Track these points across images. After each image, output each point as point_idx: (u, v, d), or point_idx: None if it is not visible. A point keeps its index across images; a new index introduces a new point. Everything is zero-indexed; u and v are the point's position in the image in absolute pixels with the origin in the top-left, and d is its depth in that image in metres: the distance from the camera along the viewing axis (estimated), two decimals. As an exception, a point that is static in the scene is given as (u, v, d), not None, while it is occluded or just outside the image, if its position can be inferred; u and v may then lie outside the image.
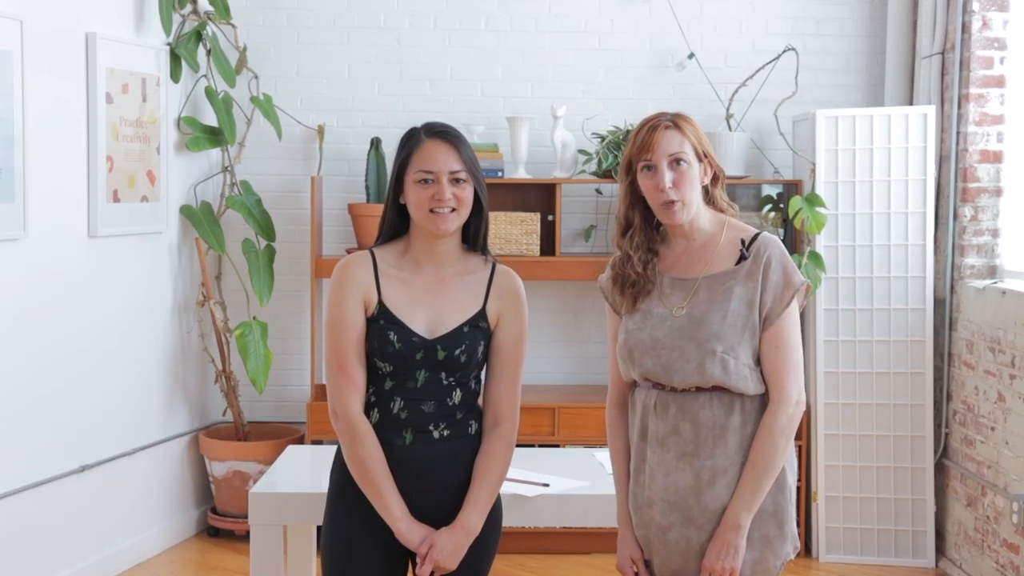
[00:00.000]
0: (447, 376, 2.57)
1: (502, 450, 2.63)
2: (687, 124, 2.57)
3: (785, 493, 2.53)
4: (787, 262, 2.52)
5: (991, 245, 4.79)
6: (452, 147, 2.56)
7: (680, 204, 2.51)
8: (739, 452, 2.49)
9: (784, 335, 2.51)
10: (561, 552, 5.01)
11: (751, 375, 2.49)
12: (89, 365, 4.56)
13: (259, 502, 3.09)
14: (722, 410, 2.50)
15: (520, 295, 2.65)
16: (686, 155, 2.52)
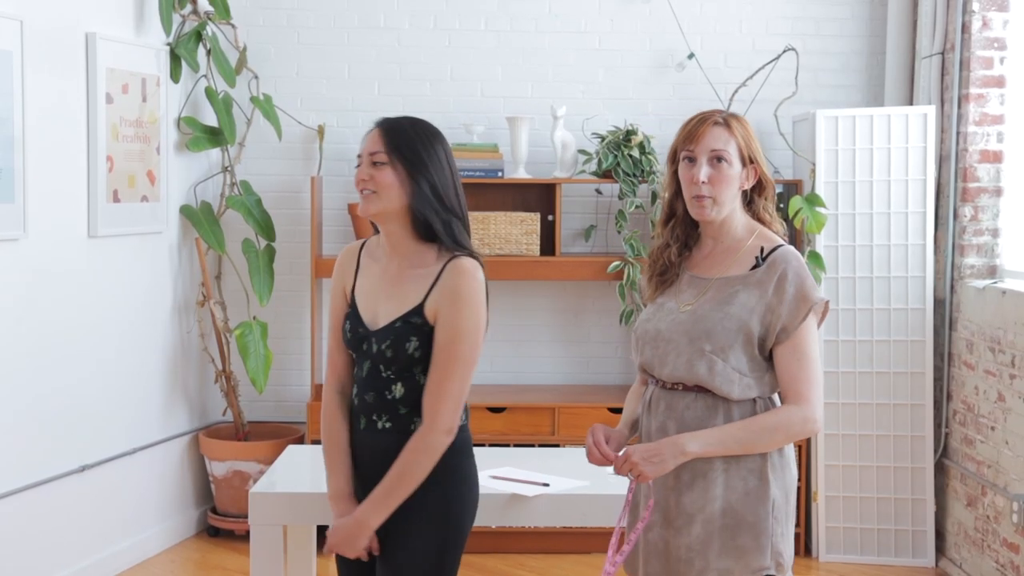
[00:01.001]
0: (385, 369, 2.57)
1: (410, 451, 2.52)
2: (738, 125, 2.55)
3: (767, 507, 2.46)
4: (804, 277, 2.48)
5: (991, 245, 4.79)
6: (380, 131, 2.58)
7: (711, 201, 2.52)
8: (720, 457, 2.46)
9: (803, 348, 2.46)
10: (561, 552, 5.01)
11: (739, 380, 2.45)
12: (89, 365, 4.56)
13: (259, 502, 3.09)
14: (704, 412, 2.48)
15: (460, 294, 2.53)
16: (728, 154, 2.51)
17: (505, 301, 5.33)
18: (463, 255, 2.57)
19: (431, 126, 2.63)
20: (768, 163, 5.44)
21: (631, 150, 5.03)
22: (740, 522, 2.45)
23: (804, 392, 2.44)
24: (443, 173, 2.57)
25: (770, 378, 2.50)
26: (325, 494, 2.75)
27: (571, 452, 3.87)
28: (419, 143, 2.56)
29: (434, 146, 2.57)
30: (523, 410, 5.00)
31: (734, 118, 2.55)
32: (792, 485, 2.53)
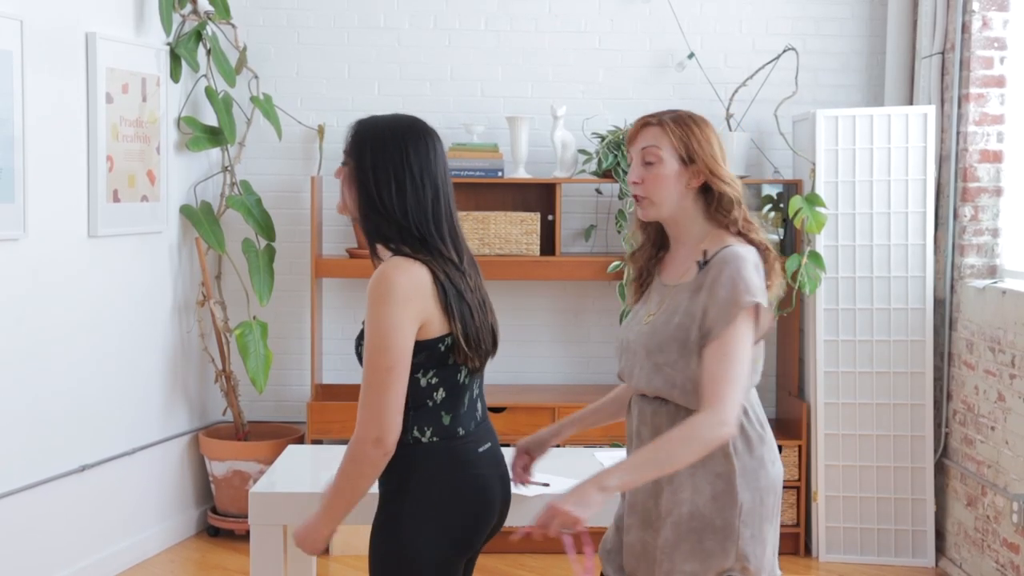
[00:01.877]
0: None
1: (343, 459, 2.43)
2: (676, 125, 2.52)
3: (735, 511, 2.44)
4: (738, 279, 2.40)
5: (991, 245, 4.79)
6: (349, 129, 2.56)
7: (647, 201, 2.52)
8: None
9: (727, 348, 2.38)
10: (561, 552, 4.98)
11: (696, 391, 2.42)
12: (89, 365, 4.56)
13: (259, 502, 3.08)
14: (668, 420, 2.48)
15: (368, 296, 2.39)
16: (657, 154, 2.50)
17: (505, 301, 5.33)
18: (397, 256, 2.45)
19: (402, 128, 2.52)
20: (768, 163, 5.47)
21: (631, 150, 5.02)
22: (707, 525, 2.45)
23: (719, 393, 2.36)
24: (386, 180, 2.45)
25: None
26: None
27: (571, 452, 3.87)
28: (366, 147, 2.49)
29: (387, 151, 2.47)
30: (523, 410, 5.00)
31: (675, 119, 2.54)
32: (771, 486, 2.50)
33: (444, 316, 2.44)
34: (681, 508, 2.45)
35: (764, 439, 2.51)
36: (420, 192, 2.47)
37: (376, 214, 2.47)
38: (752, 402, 2.54)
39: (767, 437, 2.53)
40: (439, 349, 2.45)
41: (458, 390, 2.51)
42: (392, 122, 2.54)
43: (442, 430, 2.49)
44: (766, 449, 2.50)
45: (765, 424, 2.55)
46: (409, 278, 2.39)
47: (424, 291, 2.40)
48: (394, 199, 2.46)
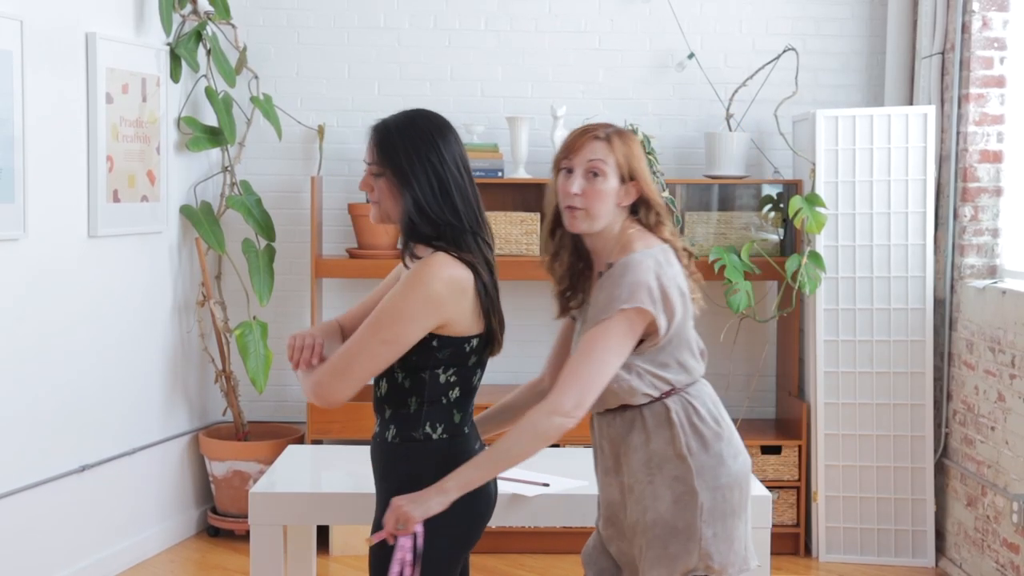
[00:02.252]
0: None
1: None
2: (620, 141, 2.54)
3: (696, 511, 2.48)
4: (625, 284, 2.43)
5: (991, 245, 4.79)
6: (370, 138, 2.53)
7: (583, 213, 2.52)
8: (644, 469, 2.51)
9: (590, 343, 2.43)
10: (561, 552, 5.01)
11: (630, 382, 2.49)
12: (89, 365, 4.56)
13: (259, 502, 3.09)
14: (624, 428, 2.54)
15: (408, 276, 2.43)
16: (604, 168, 2.51)
17: (505, 301, 5.29)
18: (446, 252, 2.45)
19: (424, 124, 2.50)
20: (768, 163, 5.47)
21: (631, 150, 5.02)
22: (670, 530, 2.49)
23: (561, 386, 2.42)
24: (428, 182, 2.45)
25: (645, 369, 2.50)
26: (325, 494, 2.74)
27: (571, 452, 3.88)
28: (399, 153, 2.47)
29: (421, 151, 2.46)
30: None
31: (618, 134, 2.56)
32: (733, 482, 2.53)
33: (479, 317, 2.49)
34: (645, 516, 2.50)
35: (721, 436, 2.54)
36: (463, 186, 2.49)
37: (423, 217, 2.46)
38: (705, 399, 2.57)
39: (725, 433, 2.55)
40: (464, 349, 2.48)
41: (470, 390, 2.56)
42: (413, 122, 2.51)
43: (452, 428, 2.52)
44: (724, 445, 2.53)
45: (722, 420, 2.58)
46: (452, 280, 2.42)
47: (461, 294, 2.43)
48: (440, 200, 2.45)
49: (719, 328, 5.30)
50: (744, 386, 5.44)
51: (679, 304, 2.50)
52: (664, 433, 2.51)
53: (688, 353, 2.56)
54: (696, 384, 2.59)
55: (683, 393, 2.54)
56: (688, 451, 2.49)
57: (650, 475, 2.49)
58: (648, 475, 2.49)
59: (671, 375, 2.52)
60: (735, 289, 4.91)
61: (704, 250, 5.09)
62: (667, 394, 2.53)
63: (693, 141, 5.44)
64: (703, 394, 2.58)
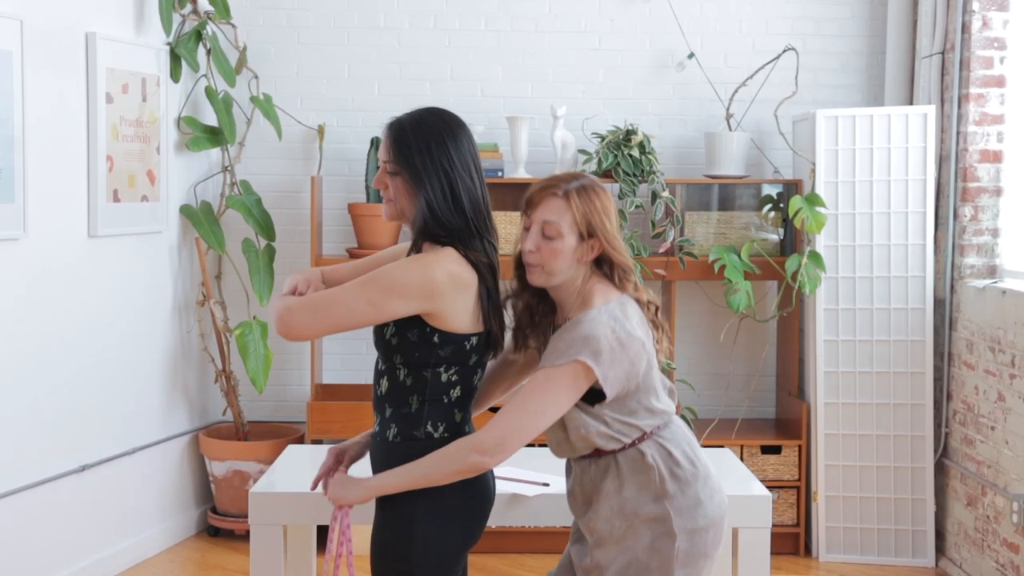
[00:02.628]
0: (379, 360, 2.56)
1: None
2: (580, 198, 2.49)
3: (671, 554, 2.48)
4: (576, 337, 2.42)
5: (991, 245, 4.79)
6: (385, 136, 2.54)
7: (539, 268, 2.52)
8: (619, 516, 2.50)
9: (526, 393, 2.43)
10: (561, 552, 5.00)
11: (599, 428, 2.48)
12: (89, 365, 4.56)
13: (259, 502, 3.09)
14: (599, 474, 2.54)
15: (415, 256, 2.48)
16: (559, 229, 2.48)
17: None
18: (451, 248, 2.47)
19: (437, 125, 2.52)
20: (768, 163, 5.47)
21: (631, 150, 5.03)
22: (643, 569, 2.49)
23: (491, 424, 2.42)
24: (440, 185, 2.46)
25: (614, 416, 2.48)
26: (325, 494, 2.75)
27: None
28: (412, 153, 2.48)
29: (434, 153, 2.47)
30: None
31: (578, 191, 2.50)
32: (710, 523, 2.53)
33: (479, 318, 2.49)
34: (623, 557, 2.50)
35: (697, 476, 2.53)
36: (472, 189, 2.50)
37: (435, 219, 2.47)
38: (679, 440, 2.55)
39: (701, 473, 2.54)
40: (464, 347, 2.49)
41: (470, 390, 2.56)
42: (427, 122, 2.52)
43: (453, 427, 2.52)
44: (700, 485, 2.53)
45: (697, 460, 2.56)
46: (455, 275, 2.43)
47: (459, 291, 2.44)
48: (450, 204, 2.46)
49: (719, 328, 5.30)
50: (744, 386, 5.44)
51: (639, 355, 2.47)
52: (639, 478, 2.50)
53: (654, 397, 2.54)
54: (669, 427, 2.57)
55: (656, 437, 2.53)
56: (665, 495, 2.49)
57: (626, 521, 2.49)
58: (624, 521, 2.49)
59: (639, 421, 2.51)
60: (735, 289, 4.91)
61: (704, 250, 5.09)
62: (640, 439, 2.51)
63: (693, 141, 5.44)
64: (676, 436, 2.56)
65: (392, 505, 2.49)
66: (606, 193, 2.54)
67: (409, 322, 2.45)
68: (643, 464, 2.50)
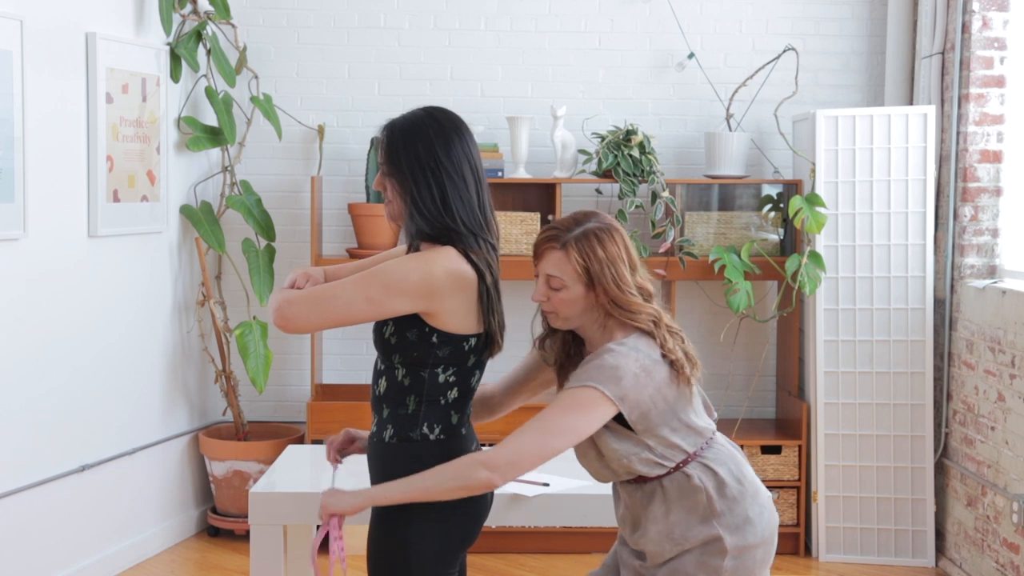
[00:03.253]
0: (378, 360, 2.56)
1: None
2: (579, 249, 2.47)
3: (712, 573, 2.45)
4: (598, 366, 2.41)
5: (991, 245, 4.79)
6: (381, 138, 2.54)
7: (554, 316, 2.53)
8: (668, 541, 2.47)
9: (548, 414, 2.41)
10: (561, 552, 5.01)
11: (640, 454, 2.45)
12: (89, 365, 4.56)
13: (259, 502, 3.09)
14: (645, 499, 2.52)
15: (416, 255, 2.48)
16: (561, 281, 2.48)
17: (505, 301, 5.30)
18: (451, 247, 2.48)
19: (430, 126, 2.50)
20: (768, 163, 5.46)
21: (631, 150, 5.03)
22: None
23: (503, 443, 2.40)
24: (428, 187, 2.46)
25: (655, 442, 2.46)
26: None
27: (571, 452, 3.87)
28: (399, 154, 2.48)
29: (421, 156, 2.47)
30: (523, 410, 4.98)
31: (577, 241, 2.47)
32: (759, 541, 2.49)
33: (478, 318, 2.49)
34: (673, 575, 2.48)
35: (745, 493, 2.50)
36: (464, 190, 2.48)
37: (423, 218, 2.47)
38: (724, 459, 2.52)
39: (748, 490, 2.52)
40: (463, 347, 2.49)
41: (468, 392, 2.56)
42: (419, 124, 2.50)
43: (449, 428, 2.52)
44: (749, 503, 2.50)
45: (744, 478, 2.53)
46: (455, 274, 2.43)
47: (459, 290, 2.44)
48: (439, 206, 2.46)
49: (719, 328, 5.30)
50: (744, 386, 5.44)
51: (667, 379, 2.45)
52: (686, 502, 2.47)
53: (693, 414, 2.51)
54: (712, 446, 2.53)
55: (700, 458, 2.50)
56: (714, 514, 2.47)
57: (676, 545, 2.46)
58: (674, 545, 2.47)
59: (682, 441, 2.47)
60: (735, 289, 4.91)
61: (704, 250, 5.09)
62: (684, 462, 2.49)
63: (693, 141, 5.44)
64: (721, 455, 2.53)
65: (387, 506, 2.49)
66: (613, 236, 2.50)
67: (408, 321, 2.45)
68: (689, 487, 2.47)
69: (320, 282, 2.61)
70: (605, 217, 2.56)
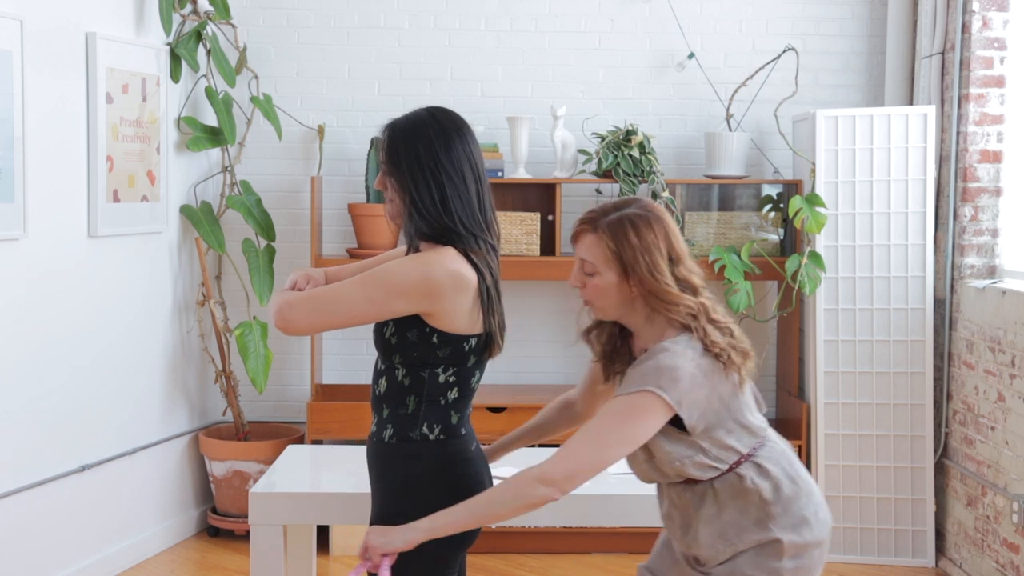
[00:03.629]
0: (379, 360, 2.55)
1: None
2: (611, 233, 2.39)
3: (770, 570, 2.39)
4: (654, 368, 2.33)
5: (991, 245, 4.79)
6: (382, 137, 2.54)
7: (592, 306, 2.47)
8: (721, 542, 2.41)
9: (602, 422, 2.33)
10: (561, 552, 5.01)
11: (693, 458, 2.38)
12: (89, 365, 4.56)
13: (259, 502, 3.09)
14: (695, 500, 2.44)
15: (417, 256, 2.47)
16: (595, 266, 2.41)
17: (505, 301, 5.31)
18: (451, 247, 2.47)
19: (431, 127, 2.50)
20: (768, 163, 5.46)
21: (631, 150, 5.03)
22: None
23: (557, 456, 2.34)
24: (427, 187, 2.46)
25: (709, 444, 2.38)
26: (325, 494, 2.75)
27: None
28: (399, 154, 2.48)
29: (421, 156, 2.46)
30: (523, 410, 5.00)
31: (611, 225, 2.39)
32: (815, 540, 2.42)
33: (479, 318, 2.48)
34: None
35: (800, 493, 2.44)
36: (463, 190, 2.47)
37: (422, 218, 2.47)
38: (778, 458, 2.45)
39: (803, 490, 2.45)
40: (463, 348, 2.49)
41: (468, 392, 2.55)
42: (419, 124, 2.50)
43: (448, 428, 2.52)
44: (804, 502, 2.43)
45: (799, 478, 2.46)
46: (456, 274, 2.42)
47: (460, 290, 2.43)
48: (439, 207, 2.45)
49: (719, 328, 5.29)
50: (744, 386, 5.44)
51: (723, 379, 2.39)
52: (739, 503, 2.41)
53: (748, 412, 2.44)
54: (765, 445, 2.46)
55: (753, 458, 2.42)
56: (769, 517, 2.40)
57: (730, 546, 2.40)
58: (728, 546, 2.40)
59: (736, 442, 2.40)
60: (735, 289, 4.91)
61: (704, 250, 5.09)
62: (737, 463, 2.42)
63: (693, 141, 5.44)
64: (774, 455, 2.46)
65: (386, 506, 2.49)
66: (651, 223, 2.40)
67: (408, 322, 2.45)
68: (742, 488, 2.40)
69: (321, 283, 2.61)
70: (649, 204, 2.46)
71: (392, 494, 2.49)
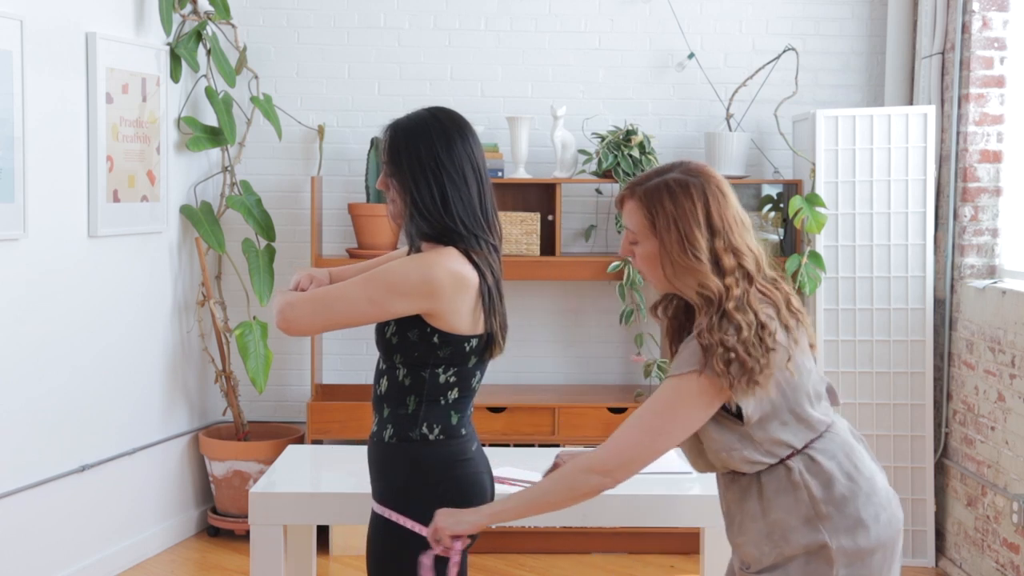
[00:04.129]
0: (380, 360, 2.55)
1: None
2: (650, 200, 2.25)
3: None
4: (687, 350, 2.22)
5: (991, 245, 4.79)
6: (384, 137, 2.53)
7: (644, 275, 2.35)
8: (767, 542, 2.25)
9: (652, 406, 2.24)
10: (561, 552, 5.01)
11: (742, 452, 2.24)
12: (89, 365, 4.56)
13: (259, 502, 3.09)
14: (740, 493, 2.31)
15: (419, 256, 2.46)
16: (635, 235, 2.29)
17: (506, 302, 5.32)
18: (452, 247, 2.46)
19: (433, 127, 2.49)
20: (768, 163, 5.46)
21: (631, 150, 5.03)
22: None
23: (607, 445, 2.27)
24: (428, 187, 2.45)
25: (762, 435, 2.23)
26: (325, 494, 2.74)
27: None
28: (400, 154, 2.48)
29: (423, 156, 2.46)
30: (523, 410, 5.00)
31: (650, 192, 2.25)
32: (875, 545, 2.26)
33: (480, 318, 2.48)
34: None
35: (857, 493, 2.26)
36: (464, 191, 2.47)
37: (422, 218, 2.47)
38: (835, 452, 2.28)
39: (863, 488, 2.27)
40: (464, 348, 2.49)
41: (468, 392, 2.55)
42: (421, 125, 2.50)
43: (448, 429, 2.51)
44: (862, 503, 2.25)
45: (858, 474, 2.28)
46: (457, 274, 2.42)
47: (461, 291, 2.43)
48: (440, 207, 2.45)
49: (719, 328, 5.29)
50: (744, 386, 5.43)
51: (780, 364, 2.20)
52: (785, 499, 2.24)
53: (809, 404, 2.26)
54: (823, 436, 2.28)
55: (808, 450, 2.25)
56: (819, 516, 2.23)
57: (776, 548, 2.24)
58: (774, 548, 2.24)
59: (791, 436, 2.24)
60: (735, 289, 4.91)
61: (704, 250, 5.09)
62: (788, 456, 2.25)
63: (693, 141, 5.44)
64: (831, 447, 2.27)
65: (387, 505, 2.49)
66: (690, 189, 2.22)
67: (410, 321, 2.45)
68: (789, 482, 2.23)
69: (325, 284, 2.61)
70: (696, 168, 2.28)
71: (392, 494, 2.49)
